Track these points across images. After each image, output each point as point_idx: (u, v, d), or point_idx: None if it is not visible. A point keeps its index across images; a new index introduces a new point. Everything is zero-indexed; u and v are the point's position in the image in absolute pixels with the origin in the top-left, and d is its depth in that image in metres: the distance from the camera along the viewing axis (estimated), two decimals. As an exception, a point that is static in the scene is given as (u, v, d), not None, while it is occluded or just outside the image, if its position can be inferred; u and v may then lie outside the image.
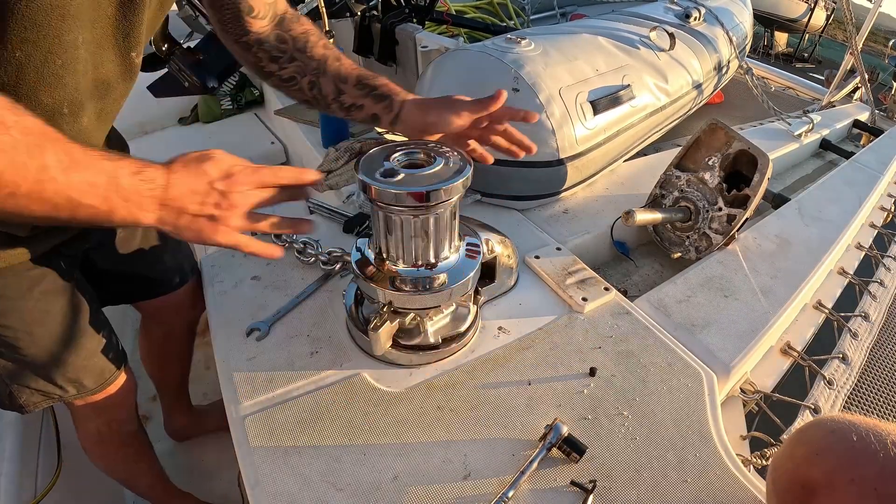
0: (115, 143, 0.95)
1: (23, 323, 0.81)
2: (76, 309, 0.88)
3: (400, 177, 0.69)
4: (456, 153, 0.76)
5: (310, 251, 1.04)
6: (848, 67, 2.26)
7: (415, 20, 1.78)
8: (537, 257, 1.06)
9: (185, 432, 1.54)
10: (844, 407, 0.95)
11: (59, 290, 0.85)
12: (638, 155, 1.57)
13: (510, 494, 0.66)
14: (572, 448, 0.70)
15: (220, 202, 0.62)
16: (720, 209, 1.16)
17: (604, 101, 1.27)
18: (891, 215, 1.55)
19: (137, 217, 0.59)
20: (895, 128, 2.15)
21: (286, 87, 0.88)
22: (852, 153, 1.88)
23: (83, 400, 0.94)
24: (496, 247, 0.92)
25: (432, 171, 0.71)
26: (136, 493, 1.25)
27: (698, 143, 1.22)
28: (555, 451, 0.71)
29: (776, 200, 1.45)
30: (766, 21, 9.71)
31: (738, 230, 1.16)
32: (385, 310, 0.79)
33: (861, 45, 2.12)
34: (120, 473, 1.17)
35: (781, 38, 10.68)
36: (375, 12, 1.79)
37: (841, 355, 1.04)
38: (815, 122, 1.92)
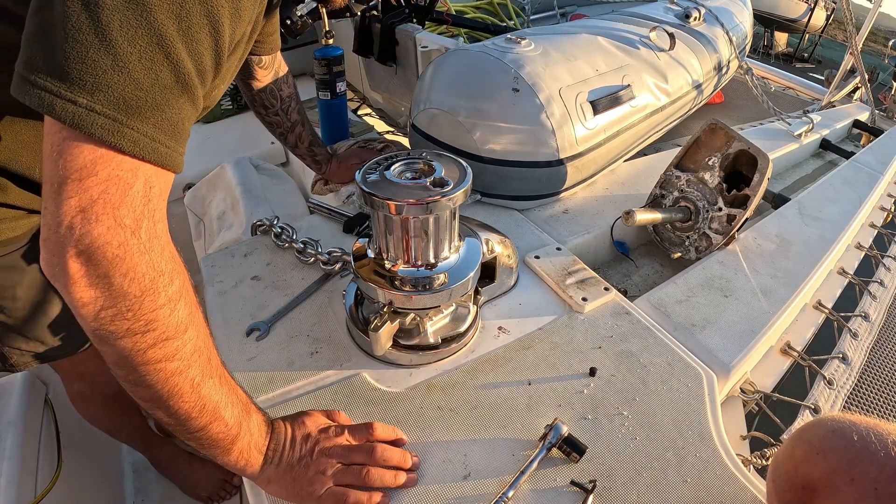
0: None
1: (13, 287, 0.84)
2: None
3: (400, 185, 0.70)
4: (456, 163, 0.76)
5: (310, 251, 1.04)
6: (848, 67, 2.26)
7: (415, 20, 1.78)
8: (537, 257, 1.06)
9: None
10: (844, 407, 0.95)
11: None
12: (638, 155, 1.57)
13: (510, 494, 0.66)
14: (572, 448, 0.70)
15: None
16: (720, 209, 1.16)
17: (604, 101, 1.27)
18: (891, 215, 1.55)
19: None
20: (895, 128, 2.15)
21: (265, 123, 1.18)
22: (852, 153, 1.88)
23: (69, 361, 1.00)
24: (496, 247, 0.92)
25: (432, 178, 0.72)
26: (118, 440, 1.36)
27: (698, 143, 1.22)
28: (555, 451, 0.70)
29: (776, 200, 1.45)
30: (766, 21, 9.73)
31: (738, 230, 1.16)
32: (385, 310, 0.79)
33: (861, 45, 2.12)
34: (103, 426, 1.26)
35: (781, 38, 10.69)
36: (375, 12, 1.79)
37: (841, 355, 1.04)
38: (815, 122, 1.92)
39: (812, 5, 9.72)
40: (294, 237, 1.08)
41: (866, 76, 2.24)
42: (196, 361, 0.56)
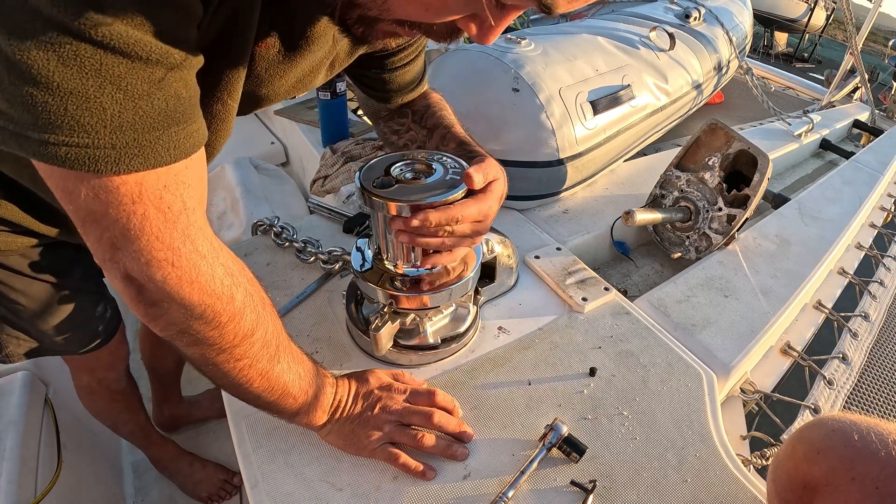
0: None
1: (21, 288, 0.84)
2: (74, 278, 0.91)
3: (397, 187, 0.70)
4: (455, 162, 0.76)
5: (310, 251, 1.04)
6: (848, 67, 2.27)
7: (415, 20, 1.78)
8: (537, 257, 1.06)
9: (174, 423, 1.56)
10: (844, 407, 0.95)
11: (63, 266, 0.88)
12: (638, 155, 1.57)
13: (510, 494, 0.66)
14: (572, 448, 0.70)
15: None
16: (720, 209, 1.16)
17: (604, 101, 1.27)
18: (891, 215, 1.55)
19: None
20: (895, 128, 2.15)
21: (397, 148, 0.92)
22: (852, 153, 1.88)
23: (72, 357, 1.00)
24: (496, 247, 0.92)
25: (432, 181, 0.71)
26: (120, 436, 1.35)
27: (698, 143, 1.22)
28: (555, 451, 0.70)
29: (776, 200, 1.45)
30: (766, 21, 9.74)
31: (738, 230, 1.16)
32: (385, 310, 0.79)
33: (861, 45, 2.13)
34: (106, 420, 1.26)
35: (781, 38, 10.70)
36: (375, 12, 1.79)
37: (841, 355, 1.04)
38: (815, 122, 1.92)
39: (812, 5, 9.73)
40: (294, 237, 1.08)
41: (866, 76, 2.25)
42: (264, 354, 0.56)
